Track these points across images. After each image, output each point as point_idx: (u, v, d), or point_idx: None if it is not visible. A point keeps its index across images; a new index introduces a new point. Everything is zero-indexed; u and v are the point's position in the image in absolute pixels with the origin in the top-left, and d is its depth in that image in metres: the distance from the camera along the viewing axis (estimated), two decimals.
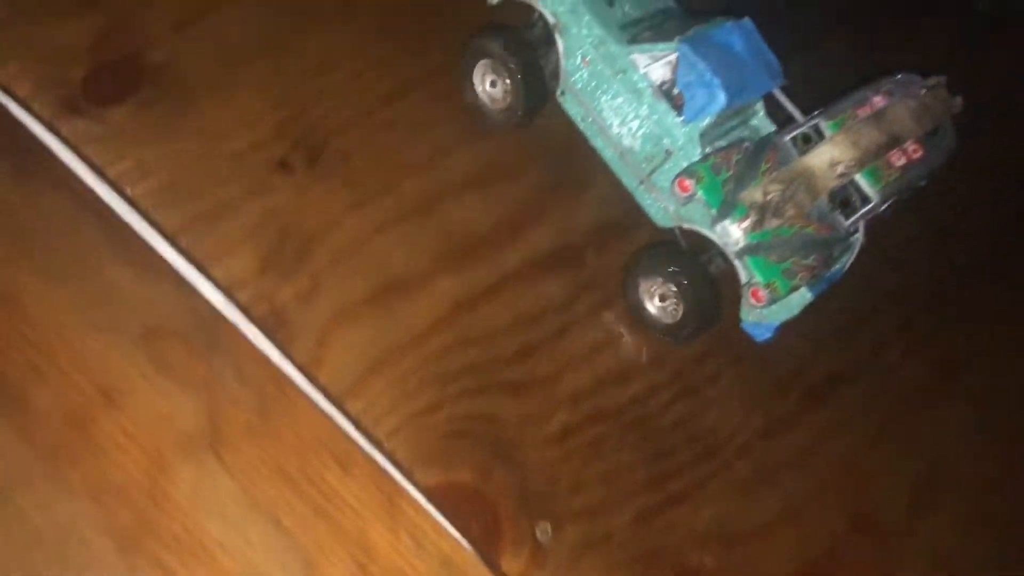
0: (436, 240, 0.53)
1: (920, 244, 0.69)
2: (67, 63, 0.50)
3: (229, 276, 0.47)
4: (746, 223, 0.50)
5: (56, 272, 0.46)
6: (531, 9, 0.55)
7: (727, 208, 0.50)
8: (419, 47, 0.59)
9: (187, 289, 0.47)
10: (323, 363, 0.47)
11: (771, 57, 0.54)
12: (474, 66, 0.57)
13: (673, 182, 0.51)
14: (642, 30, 0.55)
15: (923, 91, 0.55)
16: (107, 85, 0.50)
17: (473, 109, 0.58)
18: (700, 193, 0.50)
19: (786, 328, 0.54)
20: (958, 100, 0.56)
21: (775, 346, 0.55)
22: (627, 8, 0.56)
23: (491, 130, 0.58)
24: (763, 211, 0.50)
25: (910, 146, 0.53)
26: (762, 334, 0.55)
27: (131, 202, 0.48)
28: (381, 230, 0.52)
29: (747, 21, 0.54)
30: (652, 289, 0.54)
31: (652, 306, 0.55)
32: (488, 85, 0.57)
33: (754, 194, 0.50)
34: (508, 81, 0.56)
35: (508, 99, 0.57)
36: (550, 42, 0.55)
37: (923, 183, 0.56)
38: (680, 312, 0.54)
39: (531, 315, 0.53)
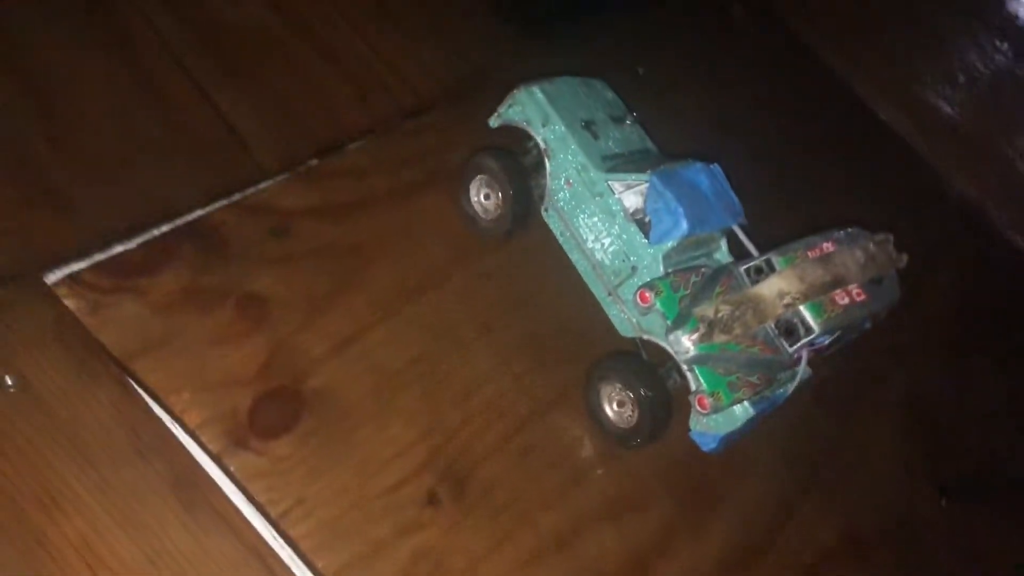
0: None
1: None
2: (234, 393, 0.52)
3: None
4: (696, 335, 0.55)
5: None
6: (528, 135, 0.63)
7: (681, 320, 0.55)
8: (552, 362, 0.62)
9: None
10: None
11: (734, 198, 0.61)
12: (472, 179, 0.64)
13: (635, 294, 0.57)
14: (622, 162, 0.62)
15: (870, 244, 0.59)
16: (271, 416, 0.52)
17: (466, 218, 0.65)
18: (658, 305, 0.56)
19: None
20: (904, 256, 0.61)
21: None
22: (611, 144, 0.63)
23: (481, 237, 0.65)
24: (712, 326, 0.54)
25: (854, 289, 0.57)
26: (708, 444, 0.59)
27: (292, 543, 0.48)
28: (523, 568, 0.53)
29: (715, 166, 0.62)
30: (611, 395, 0.60)
31: (610, 410, 0.60)
32: (483, 197, 0.64)
33: (706, 310, 0.55)
34: (500, 195, 0.63)
35: (498, 211, 0.64)
36: (541, 167, 0.63)
37: (867, 326, 0.60)
38: (635, 419, 0.59)
39: None
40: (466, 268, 0.64)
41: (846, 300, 0.56)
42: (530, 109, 0.62)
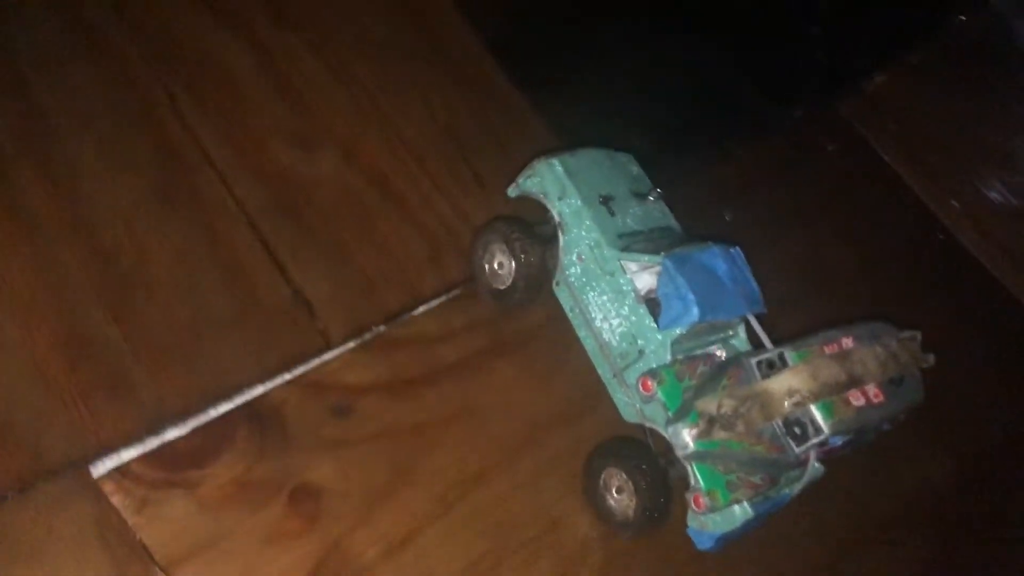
0: None
1: None
2: None
3: None
4: (695, 430, 0.52)
5: None
6: (545, 207, 0.61)
7: (682, 413, 0.53)
8: None
9: None
10: None
11: (753, 285, 0.59)
12: (486, 246, 0.63)
13: (637, 380, 0.55)
14: (638, 241, 0.60)
15: (894, 341, 0.57)
16: None
17: (477, 284, 0.64)
18: (660, 395, 0.54)
19: None
20: (931, 356, 0.58)
21: None
22: (629, 220, 0.61)
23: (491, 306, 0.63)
24: (713, 421, 0.52)
25: (871, 390, 0.54)
26: (704, 543, 0.56)
27: None
28: None
29: (736, 250, 0.59)
30: (611, 480, 0.58)
31: (610, 497, 0.58)
32: (496, 266, 0.62)
33: (709, 404, 0.52)
34: (513, 264, 0.61)
35: (510, 280, 0.62)
36: (556, 240, 0.61)
37: (886, 427, 0.57)
38: (633, 507, 0.56)
39: None
40: (534, 452, 0.60)
41: (861, 401, 0.53)
42: (548, 181, 0.61)
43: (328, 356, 0.59)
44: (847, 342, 0.55)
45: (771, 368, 0.53)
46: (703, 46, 0.89)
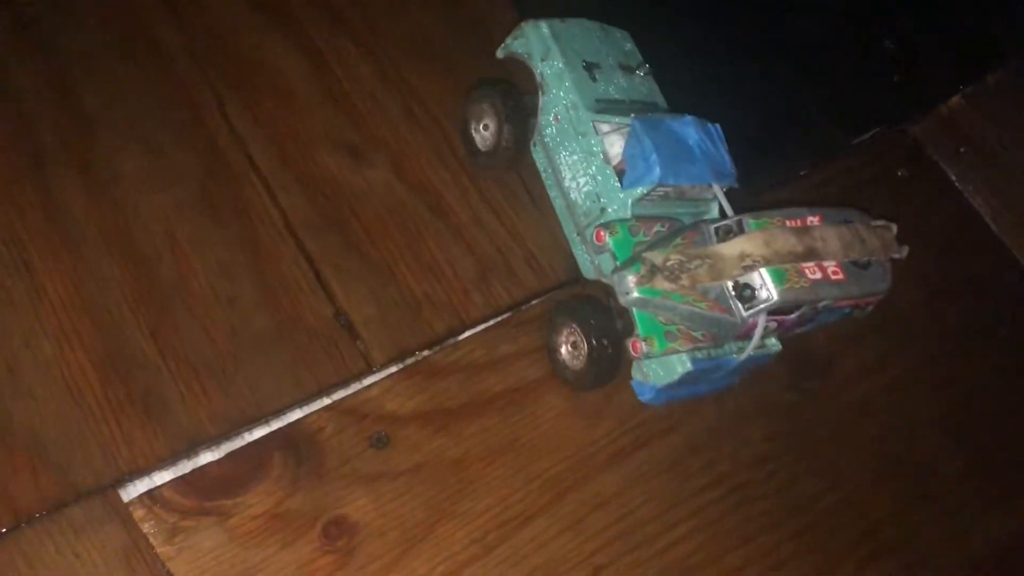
0: None
1: None
2: None
3: None
4: (638, 276, 0.52)
5: None
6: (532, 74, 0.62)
7: (629, 262, 0.54)
8: None
9: None
10: None
11: (726, 159, 0.58)
12: (473, 107, 0.64)
13: (591, 232, 0.56)
14: (619, 109, 0.60)
15: (864, 226, 0.56)
16: None
17: (464, 145, 0.66)
18: (611, 245, 0.55)
19: None
20: (904, 248, 0.58)
21: None
22: (611, 89, 0.61)
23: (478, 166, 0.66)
24: (656, 270, 0.52)
25: (830, 266, 0.53)
26: (645, 394, 0.58)
27: None
28: None
29: (715, 126, 0.59)
30: (567, 335, 0.59)
31: (564, 351, 0.59)
32: (482, 128, 0.64)
33: (655, 256, 0.53)
34: (496, 127, 0.63)
35: (492, 142, 0.63)
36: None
37: (849, 312, 0.57)
38: (583, 360, 0.57)
39: None
40: (579, 491, 0.57)
41: (818, 275, 0.52)
42: (533, 42, 0.61)
43: (369, 381, 0.57)
44: (812, 219, 0.54)
45: (728, 234, 0.53)
46: (768, 63, 0.86)
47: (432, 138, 0.67)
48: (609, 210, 0.58)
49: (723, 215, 0.58)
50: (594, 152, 0.58)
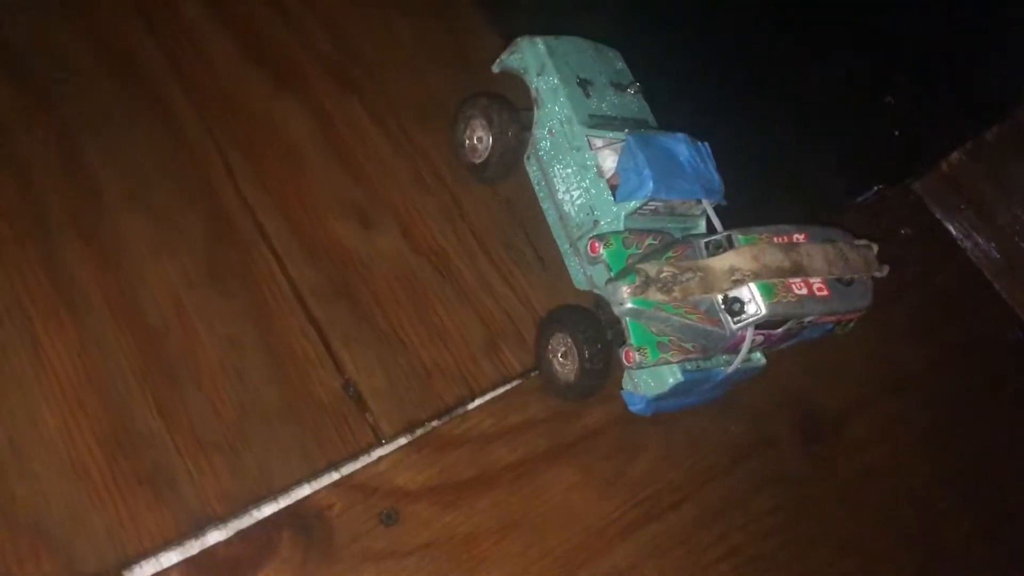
0: None
1: None
2: None
3: None
4: (632, 287, 0.53)
5: None
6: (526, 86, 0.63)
7: (623, 273, 0.55)
8: None
9: None
10: None
11: (715, 176, 0.60)
12: (468, 120, 0.66)
13: (586, 243, 0.58)
14: (612, 125, 0.62)
15: (847, 245, 0.58)
16: None
17: (458, 154, 0.67)
18: (605, 256, 0.57)
19: None
20: (885, 267, 0.60)
21: None
22: (604, 105, 0.63)
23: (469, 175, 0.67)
24: (649, 282, 0.53)
25: (816, 283, 0.55)
26: (635, 404, 0.59)
27: None
28: None
29: (704, 144, 0.61)
30: (557, 345, 0.59)
31: (555, 362, 0.60)
32: (475, 139, 0.65)
33: (649, 268, 0.54)
34: (490, 140, 0.64)
35: (485, 155, 0.65)
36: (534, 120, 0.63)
37: (832, 329, 0.59)
38: (574, 371, 0.58)
39: None
40: (592, 566, 0.56)
41: (804, 291, 0.54)
42: (529, 58, 0.63)
43: (378, 454, 0.56)
44: (798, 237, 0.56)
45: (718, 249, 0.54)
46: (769, 122, 0.86)
47: (441, 201, 0.66)
48: (602, 223, 0.59)
49: (712, 230, 0.59)
50: (588, 166, 0.60)
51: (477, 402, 0.60)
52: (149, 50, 0.64)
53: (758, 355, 0.60)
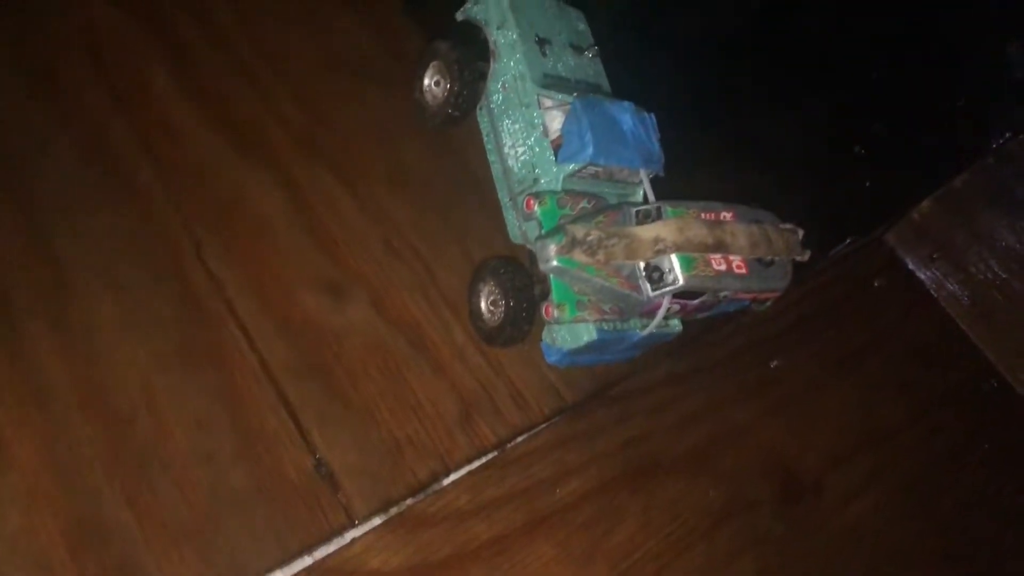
0: None
1: None
2: None
3: None
4: (558, 246, 0.56)
5: None
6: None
7: (553, 232, 0.57)
8: None
9: None
10: None
11: (656, 148, 0.62)
12: (428, 64, 0.66)
13: (522, 200, 0.60)
14: (565, 86, 0.63)
15: (772, 227, 0.59)
16: None
17: (416, 101, 0.67)
18: (538, 214, 0.59)
19: None
20: (807, 252, 0.61)
21: None
22: (559, 66, 0.64)
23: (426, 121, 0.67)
24: (575, 242, 0.56)
25: (736, 260, 0.57)
26: (551, 356, 0.63)
27: None
28: None
29: (650, 116, 0.63)
30: (487, 292, 0.62)
31: (484, 306, 0.63)
32: (433, 84, 0.66)
33: (577, 229, 0.56)
34: (448, 85, 0.65)
35: (443, 99, 0.65)
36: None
37: (749, 305, 0.61)
38: (499, 317, 0.61)
39: None
40: None
41: (723, 266, 0.56)
42: (491, 9, 0.64)
43: (351, 535, 0.55)
44: (726, 215, 0.57)
45: (647, 218, 0.56)
46: (739, 171, 0.86)
47: (412, 270, 0.66)
48: (542, 181, 0.61)
49: (645, 200, 0.61)
50: (535, 124, 0.61)
51: (452, 477, 0.59)
52: (117, 125, 0.64)
53: (675, 322, 0.62)
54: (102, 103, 0.65)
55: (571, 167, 0.60)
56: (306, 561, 0.53)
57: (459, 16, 0.66)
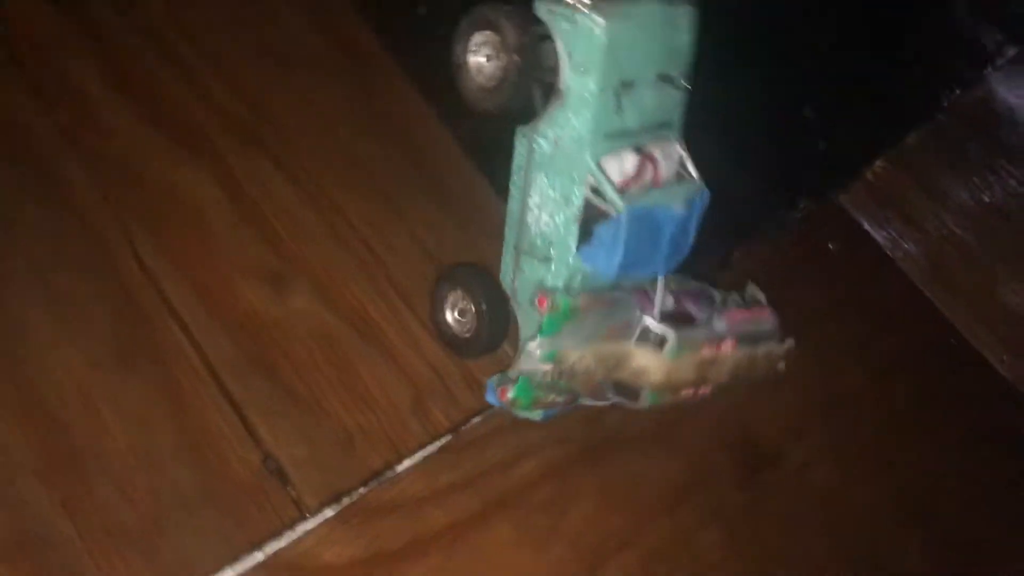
0: None
1: None
2: None
3: None
4: (544, 368, 0.53)
5: None
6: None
7: (546, 348, 0.53)
8: None
9: None
10: None
11: (688, 244, 0.58)
12: (472, 33, 0.54)
13: (535, 294, 0.54)
14: (624, 136, 0.55)
15: (770, 349, 0.59)
16: None
17: (456, 68, 0.55)
18: (546, 318, 0.53)
19: None
20: (782, 365, 0.61)
21: None
22: (628, 116, 0.55)
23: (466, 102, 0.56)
24: (562, 375, 0.53)
25: (703, 388, 0.56)
26: (490, 396, 0.56)
27: None
28: None
29: (703, 196, 0.58)
30: (455, 301, 0.60)
31: (451, 317, 0.61)
32: (484, 57, 0.55)
33: (571, 356, 0.53)
34: (499, 58, 0.53)
35: (492, 73, 0.54)
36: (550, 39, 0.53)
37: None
38: (472, 329, 0.60)
39: None
40: None
41: (689, 392, 0.56)
42: (580, 42, 0.51)
43: (303, 529, 0.54)
44: (727, 345, 0.56)
45: (646, 340, 0.54)
46: (687, 136, 0.86)
47: (359, 258, 0.65)
48: (552, 261, 0.56)
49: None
50: (572, 203, 0.55)
51: (406, 464, 0.58)
52: (41, 121, 0.62)
53: None
54: (24, 99, 0.63)
55: (585, 273, 0.55)
56: (257, 557, 0.52)
57: (538, 10, 0.53)
